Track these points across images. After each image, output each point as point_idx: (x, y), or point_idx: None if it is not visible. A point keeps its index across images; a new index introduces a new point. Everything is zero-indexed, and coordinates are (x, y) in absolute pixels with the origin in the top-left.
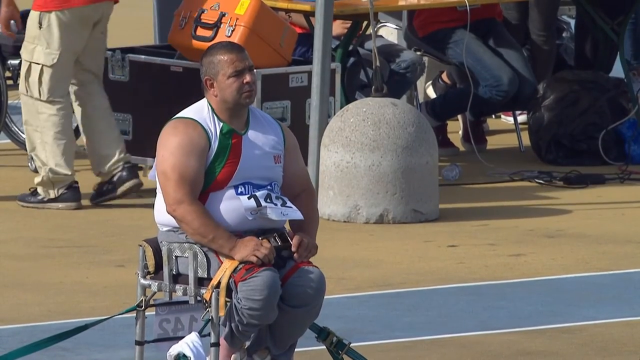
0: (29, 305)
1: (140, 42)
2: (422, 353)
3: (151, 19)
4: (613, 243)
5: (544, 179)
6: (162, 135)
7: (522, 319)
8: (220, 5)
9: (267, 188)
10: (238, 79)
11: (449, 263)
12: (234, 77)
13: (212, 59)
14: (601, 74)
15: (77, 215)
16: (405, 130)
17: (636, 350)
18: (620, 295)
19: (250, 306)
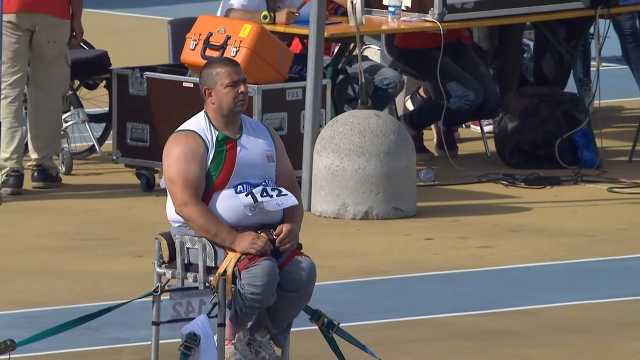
0: (59, 290)
1: (156, 62)
2: (402, 332)
3: (166, 41)
4: (567, 236)
5: (507, 180)
6: (166, 146)
7: (489, 302)
8: (226, 29)
9: (263, 185)
10: (234, 88)
11: (426, 254)
12: (230, 87)
13: (211, 71)
14: (557, 89)
15: (101, 212)
16: (387, 138)
17: (586, 329)
18: (573, 281)
19: (252, 291)
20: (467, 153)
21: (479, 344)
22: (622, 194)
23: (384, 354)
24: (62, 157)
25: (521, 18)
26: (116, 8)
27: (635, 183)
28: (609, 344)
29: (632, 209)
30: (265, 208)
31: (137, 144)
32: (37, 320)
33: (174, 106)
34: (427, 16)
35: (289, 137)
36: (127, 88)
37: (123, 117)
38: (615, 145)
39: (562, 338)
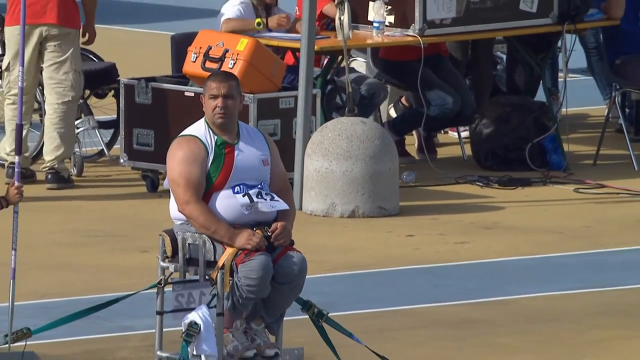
0: (71, 282)
1: (160, 73)
2: (386, 321)
3: (169, 54)
4: (537, 233)
5: (482, 181)
6: (169, 150)
7: (465, 293)
8: (224, 43)
9: (258, 187)
10: (214, 101)
11: (407, 249)
12: (211, 99)
13: (205, 82)
14: (528, 98)
15: (109, 211)
16: (372, 143)
17: (555, 318)
18: (543, 274)
19: (248, 283)
20: (445, 157)
21: (457, 332)
22: (587, 194)
23: (369, 341)
24: (73, 160)
25: (495, 33)
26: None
27: (600, 184)
28: (576, 331)
29: (596, 208)
30: (260, 208)
31: (142, 148)
32: (51, 310)
33: (176, 114)
34: (408, 31)
35: (282, 142)
36: (134, 97)
37: (130, 123)
38: (581, 149)
39: (533, 326)
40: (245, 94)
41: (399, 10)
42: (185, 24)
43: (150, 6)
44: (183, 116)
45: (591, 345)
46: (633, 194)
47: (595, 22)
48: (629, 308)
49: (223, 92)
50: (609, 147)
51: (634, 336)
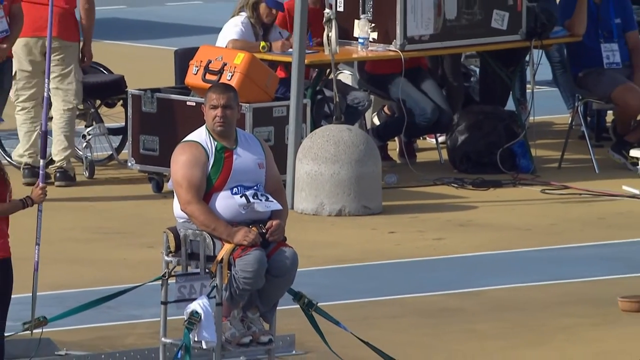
0: (83, 275)
1: (165, 84)
2: (370, 310)
3: (172, 67)
4: (507, 230)
5: (457, 183)
6: (173, 154)
7: (442, 285)
8: (223, 58)
9: (254, 188)
10: (214, 111)
11: (390, 245)
12: (211, 109)
13: (206, 93)
14: (499, 107)
15: (118, 210)
16: (357, 148)
17: (523, 307)
18: (512, 267)
19: (245, 276)
20: (424, 160)
21: (435, 320)
22: (552, 195)
23: (355, 329)
24: (85, 163)
25: (469, 48)
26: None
27: (564, 186)
28: (543, 319)
29: (561, 207)
30: (256, 208)
31: (148, 153)
32: (65, 300)
33: (179, 121)
34: (390, 46)
35: (275, 147)
36: (140, 106)
37: (137, 130)
38: (547, 154)
39: (503, 314)
40: (242, 103)
41: (381, 28)
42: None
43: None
44: (185, 124)
45: (557, 332)
46: (594, 194)
47: (560, 39)
48: (592, 298)
49: (222, 102)
50: (572, 152)
51: (597, 323)
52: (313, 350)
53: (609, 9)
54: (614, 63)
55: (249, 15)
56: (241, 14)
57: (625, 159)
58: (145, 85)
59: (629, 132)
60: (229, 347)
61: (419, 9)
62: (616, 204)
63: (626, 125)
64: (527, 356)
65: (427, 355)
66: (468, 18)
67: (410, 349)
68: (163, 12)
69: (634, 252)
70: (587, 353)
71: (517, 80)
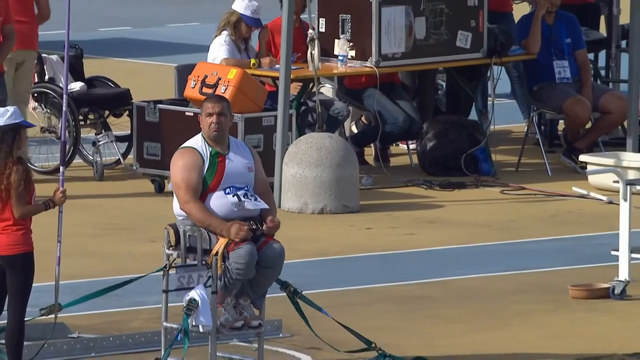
0: (93, 266)
1: (166, 97)
2: (348, 298)
3: (172, 81)
4: (470, 226)
5: (426, 184)
6: (173, 159)
7: (412, 275)
8: (217, 73)
9: (245, 189)
10: (209, 118)
11: (366, 239)
12: (207, 117)
13: (202, 104)
14: (463, 117)
15: (124, 208)
16: (337, 153)
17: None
18: (475, 260)
19: (237, 267)
20: (397, 164)
21: (405, 306)
22: (511, 195)
23: (335, 314)
24: (95, 167)
25: (436, 65)
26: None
27: (521, 187)
28: (501, 305)
29: (518, 206)
30: (246, 206)
31: (151, 157)
32: (77, 289)
33: (178, 130)
34: (367, 63)
35: (264, 153)
36: (144, 116)
37: (141, 138)
38: (506, 159)
39: (466, 301)
40: (234, 113)
41: (359, 46)
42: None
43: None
44: (184, 132)
45: (513, 316)
46: (547, 194)
47: (517, 57)
48: (545, 286)
49: (217, 110)
50: (528, 157)
51: (549, 309)
52: (298, 333)
53: (560, 30)
54: (565, 78)
55: (230, 33)
56: (223, 33)
57: (574, 163)
58: (148, 98)
59: (578, 139)
60: (223, 331)
61: (392, 29)
62: (567, 203)
63: (575, 133)
64: (487, 338)
65: (398, 338)
66: (435, 38)
67: (383, 332)
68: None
69: (582, 246)
70: (539, 335)
71: (479, 93)
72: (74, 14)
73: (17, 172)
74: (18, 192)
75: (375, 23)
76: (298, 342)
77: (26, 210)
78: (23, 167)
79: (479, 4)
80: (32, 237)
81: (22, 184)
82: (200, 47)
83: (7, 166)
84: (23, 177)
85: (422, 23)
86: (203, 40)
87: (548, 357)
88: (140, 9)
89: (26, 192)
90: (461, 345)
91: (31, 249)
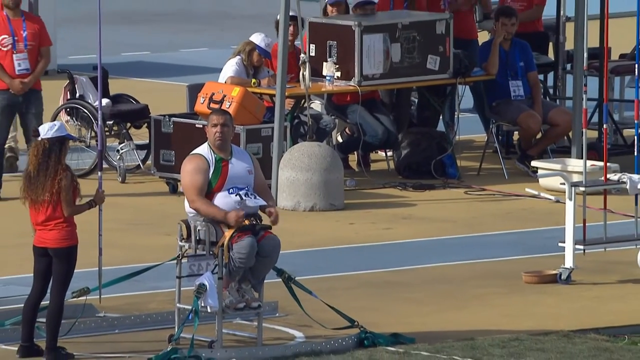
0: (117, 256)
1: (179, 111)
2: (333, 283)
3: (185, 98)
4: (439, 222)
5: (401, 186)
6: (183, 164)
7: (389, 263)
8: (223, 91)
9: (245, 189)
10: (214, 128)
11: (350, 233)
12: (212, 127)
13: (208, 116)
14: (432, 129)
15: (144, 206)
16: (325, 159)
17: (449, 281)
18: (441, 250)
19: (240, 257)
20: (376, 169)
21: (382, 290)
22: (473, 195)
23: (323, 296)
24: (119, 171)
25: (410, 84)
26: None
27: (482, 188)
28: (464, 289)
29: (480, 204)
30: (247, 203)
31: (166, 163)
32: (103, 276)
33: (190, 139)
34: (350, 82)
35: (263, 159)
36: (160, 128)
37: (158, 146)
38: (469, 164)
39: (434, 286)
40: (237, 125)
41: (343, 68)
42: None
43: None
44: (194, 141)
45: (474, 298)
46: (504, 195)
47: (478, 77)
48: (502, 273)
49: (220, 122)
50: (488, 163)
51: (505, 292)
52: (292, 313)
53: (515, 55)
54: (519, 96)
55: (243, 58)
56: (237, 57)
57: (527, 168)
58: (164, 112)
59: (530, 147)
60: (228, 311)
61: (372, 54)
62: (520, 202)
63: (528, 142)
64: (451, 317)
65: (375, 317)
66: (409, 61)
67: (364, 312)
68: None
69: (533, 239)
70: (496, 314)
71: (446, 108)
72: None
73: (66, 178)
74: (67, 195)
75: (357, 48)
76: (292, 320)
77: (74, 209)
78: (71, 173)
79: (446, 32)
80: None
81: (71, 187)
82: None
83: (57, 173)
84: (71, 182)
85: (398, 48)
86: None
87: (504, 333)
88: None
89: (73, 194)
90: (430, 323)
91: (76, 242)
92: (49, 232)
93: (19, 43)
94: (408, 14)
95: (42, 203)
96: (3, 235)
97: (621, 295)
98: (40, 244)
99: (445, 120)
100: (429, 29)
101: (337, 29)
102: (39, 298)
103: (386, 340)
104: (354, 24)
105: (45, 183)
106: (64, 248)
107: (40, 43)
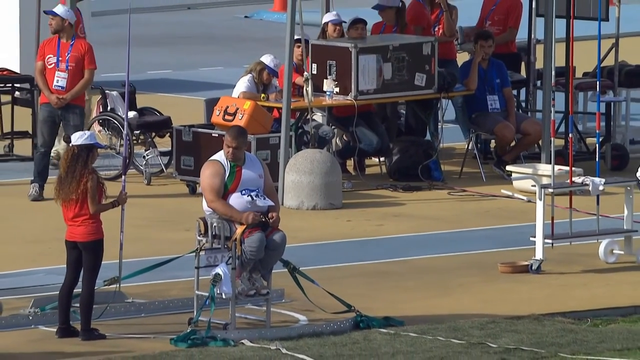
0: (142, 249)
1: (197, 122)
2: (333, 273)
3: (202, 111)
4: (425, 219)
5: (392, 188)
6: (202, 169)
7: (381, 255)
8: (236, 104)
9: (256, 191)
10: (227, 148)
11: (347, 229)
12: (226, 147)
13: (226, 133)
14: (419, 137)
15: (166, 206)
16: (325, 164)
17: (435, 271)
18: (427, 244)
19: (251, 250)
20: (370, 173)
21: (376, 279)
22: (455, 196)
23: (323, 285)
24: (145, 175)
25: (399, 98)
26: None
27: (463, 189)
28: (447, 278)
29: (461, 204)
30: (257, 203)
31: (187, 168)
32: (130, 266)
33: (207, 147)
34: (348, 97)
35: (271, 164)
36: (182, 137)
37: (179, 152)
38: (452, 168)
39: (422, 276)
40: (249, 134)
41: (342, 84)
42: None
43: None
44: (211, 148)
45: (456, 287)
46: (482, 195)
47: (460, 92)
48: (483, 264)
49: (233, 145)
50: (468, 167)
51: (484, 281)
52: (296, 299)
53: (492, 72)
54: (496, 109)
55: (254, 76)
56: (249, 75)
57: (503, 172)
58: (184, 123)
59: (505, 154)
60: (240, 297)
61: (367, 72)
62: (497, 202)
63: (503, 149)
64: (437, 303)
65: (369, 302)
66: (399, 78)
67: (360, 298)
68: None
69: (508, 234)
70: (476, 300)
71: (432, 119)
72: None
73: (92, 179)
74: (93, 194)
75: (354, 67)
76: (296, 305)
77: (99, 208)
78: (96, 175)
79: (432, 53)
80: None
81: (97, 188)
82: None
83: (83, 176)
84: (96, 183)
85: (389, 67)
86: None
87: (482, 316)
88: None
89: (99, 194)
90: (418, 308)
91: (102, 236)
92: (78, 228)
93: (62, 63)
94: (398, 37)
95: (70, 202)
96: (45, 231)
97: (584, 283)
98: (71, 238)
99: (430, 130)
100: (416, 50)
101: (336, 50)
102: (72, 286)
103: (379, 323)
104: (351, 46)
105: (72, 184)
106: (91, 242)
107: (84, 65)
